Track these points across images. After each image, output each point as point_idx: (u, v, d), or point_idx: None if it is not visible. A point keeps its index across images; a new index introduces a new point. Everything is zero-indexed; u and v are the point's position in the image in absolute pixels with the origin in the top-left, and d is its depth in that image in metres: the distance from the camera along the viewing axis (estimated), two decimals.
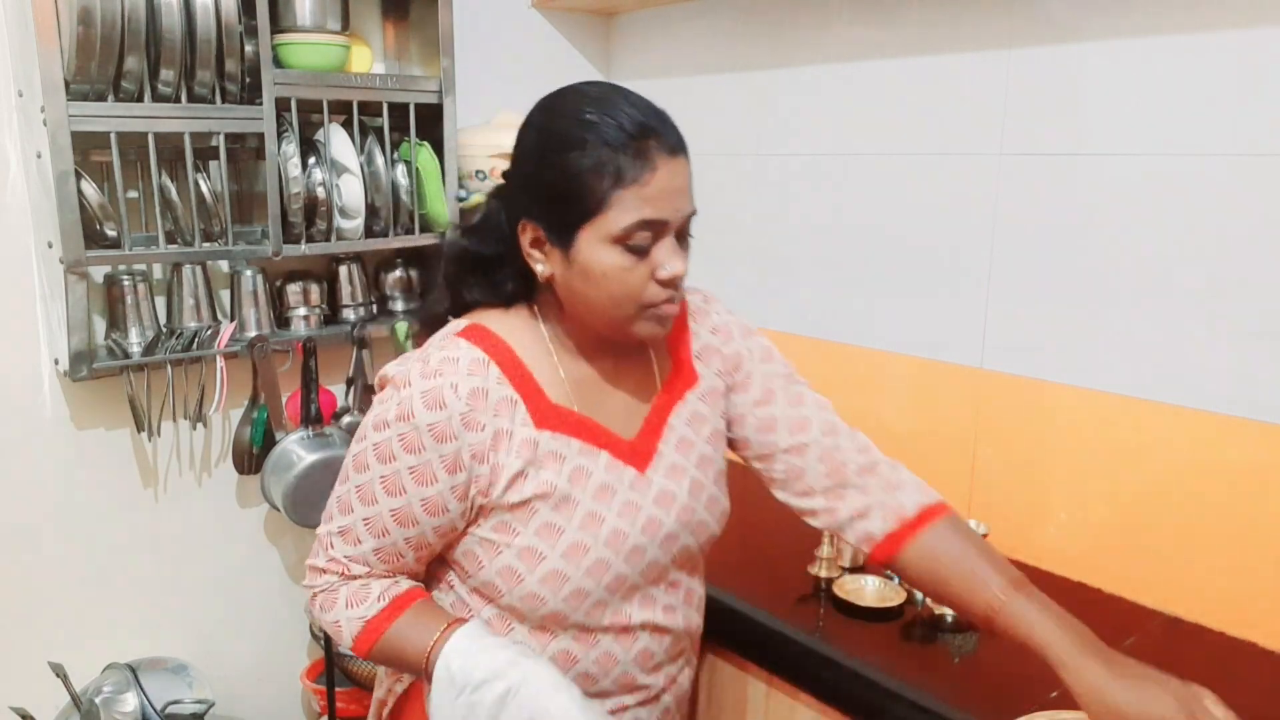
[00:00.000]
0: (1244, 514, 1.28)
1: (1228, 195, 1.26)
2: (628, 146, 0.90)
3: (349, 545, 0.99)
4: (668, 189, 0.92)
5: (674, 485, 1.04)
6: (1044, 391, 1.48)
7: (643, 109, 0.94)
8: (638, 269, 0.93)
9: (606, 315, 0.96)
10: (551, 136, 0.94)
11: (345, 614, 0.99)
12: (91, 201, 1.52)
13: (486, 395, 0.95)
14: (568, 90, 0.98)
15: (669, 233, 0.94)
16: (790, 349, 1.87)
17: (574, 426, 1.00)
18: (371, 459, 0.96)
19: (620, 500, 1.00)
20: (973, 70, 1.52)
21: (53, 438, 1.65)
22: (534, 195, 0.96)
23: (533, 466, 0.96)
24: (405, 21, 1.93)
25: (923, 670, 1.22)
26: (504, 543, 0.97)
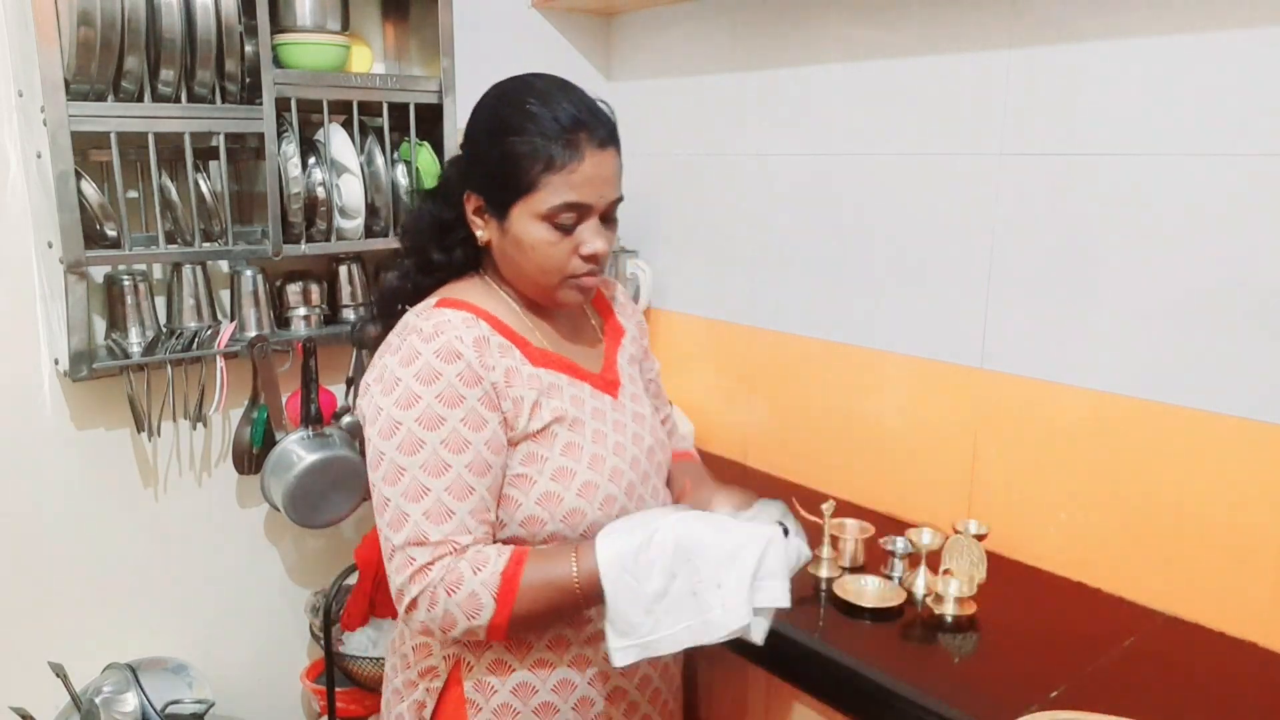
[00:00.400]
0: (1244, 514, 1.28)
1: (1228, 195, 1.26)
2: (560, 137, 1.03)
3: (443, 522, 1.02)
4: (593, 177, 1.05)
5: (639, 407, 1.22)
6: (1044, 391, 1.48)
7: (579, 105, 1.06)
8: (562, 244, 1.07)
9: (534, 281, 1.10)
10: (498, 120, 1.07)
11: (476, 580, 1.00)
12: (91, 201, 1.52)
13: (488, 342, 1.06)
14: (519, 79, 1.11)
15: (593, 215, 1.07)
16: (790, 349, 1.89)
17: (559, 364, 1.14)
18: (422, 433, 1.02)
19: (611, 419, 1.16)
20: (973, 70, 1.52)
21: (53, 438, 1.65)
22: (478, 170, 1.10)
23: (543, 396, 1.09)
24: (405, 21, 1.93)
25: (923, 670, 1.22)
26: (536, 472, 1.07)
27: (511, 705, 1.10)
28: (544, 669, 1.10)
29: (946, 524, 1.51)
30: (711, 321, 2.06)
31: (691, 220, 2.08)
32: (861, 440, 1.77)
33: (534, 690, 1.10)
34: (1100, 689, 1.16)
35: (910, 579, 1.40)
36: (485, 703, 1.10)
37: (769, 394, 1.94)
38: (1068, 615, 1.37)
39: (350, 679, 1.87)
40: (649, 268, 2.14)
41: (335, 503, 1.79)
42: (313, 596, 1.96)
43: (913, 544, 1.41)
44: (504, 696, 1.10)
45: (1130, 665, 1.22)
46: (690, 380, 2.11)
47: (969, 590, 1.34)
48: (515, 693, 1.10)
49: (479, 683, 1.10)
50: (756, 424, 1.97)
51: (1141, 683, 1.18)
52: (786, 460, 1.91)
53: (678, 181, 2.09)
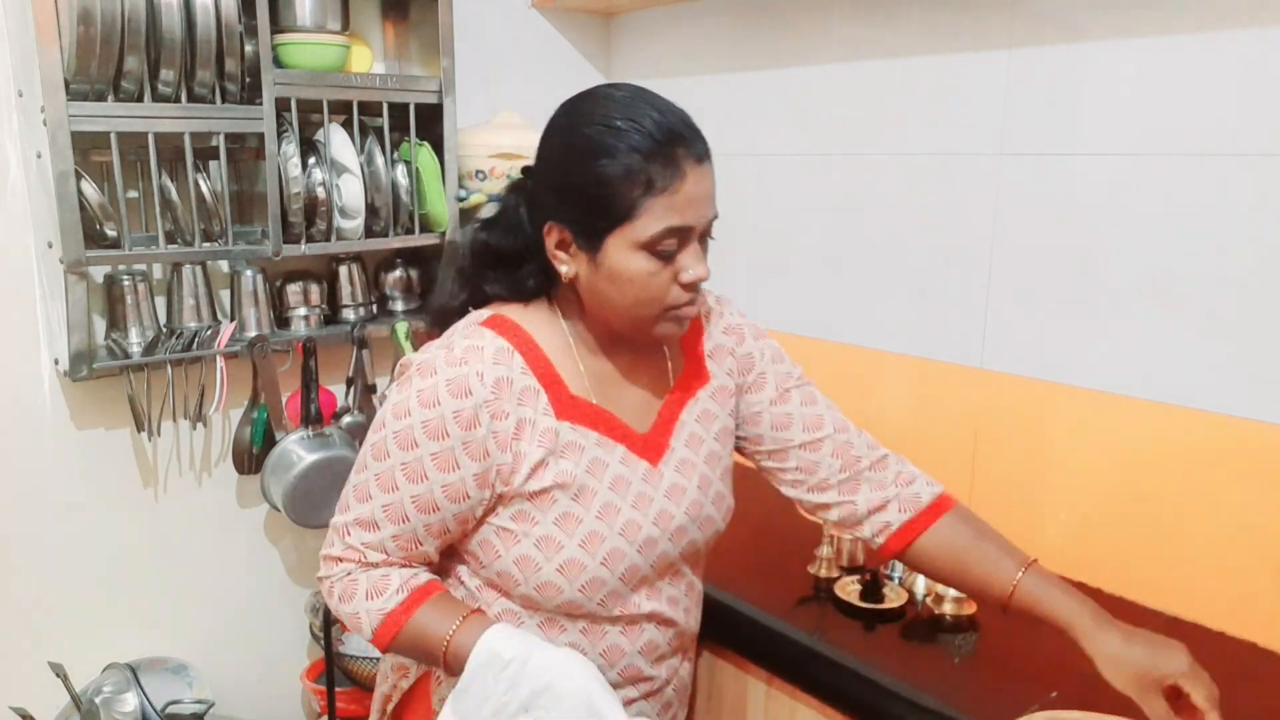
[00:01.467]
0: (1244, 514, 1.28)
1: (1228, 195, 1.26)
2: (656, 154, 0.92)
3: (366, 532, 1.00)
4: (694, 196, 0.94)
5: (684, 480, 1.07)
6: (1044, 391, 1.48)
7: (669, 114, 0.96)
8: (663, 273, 0.95)
9: (629, 315, 0.98)
10: (580, 141, 0.95)
11: (365, 605, 1.00)
12: (91, 201, 1.52)
13: (511, 384, 0.97)
14: (594, 94, 1.00)
15: (694, 238, 0.97)
16: (790, 349, 1.87)
17: (592, 418, 1.02)
18: (392, 446, 0.98)
19: (634, 492, 1.03)
20: (973, 70, 1.52)
21: (53, 438, 1.65)
22: (562, 199, 0.97)
23: (553, 456, 0.99)
24: (405, 21, 1.93)
25: (923, 670, 1.21)
26: (522, 532, 0.99)
27: None
28: None
29: None
30: None
31: None
32: None
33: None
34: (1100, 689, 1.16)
35: (910, 579, 1.40)
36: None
37: None
38: None
39: (350, 679, 1.88)
40: None
41: (335, 503, 1.78)
42: (313, 596, 1.96)
43: None
44: None
45: None
46: None
47: None
48: None
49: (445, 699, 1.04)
50: None
51: None
52: None
53: None
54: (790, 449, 1.14)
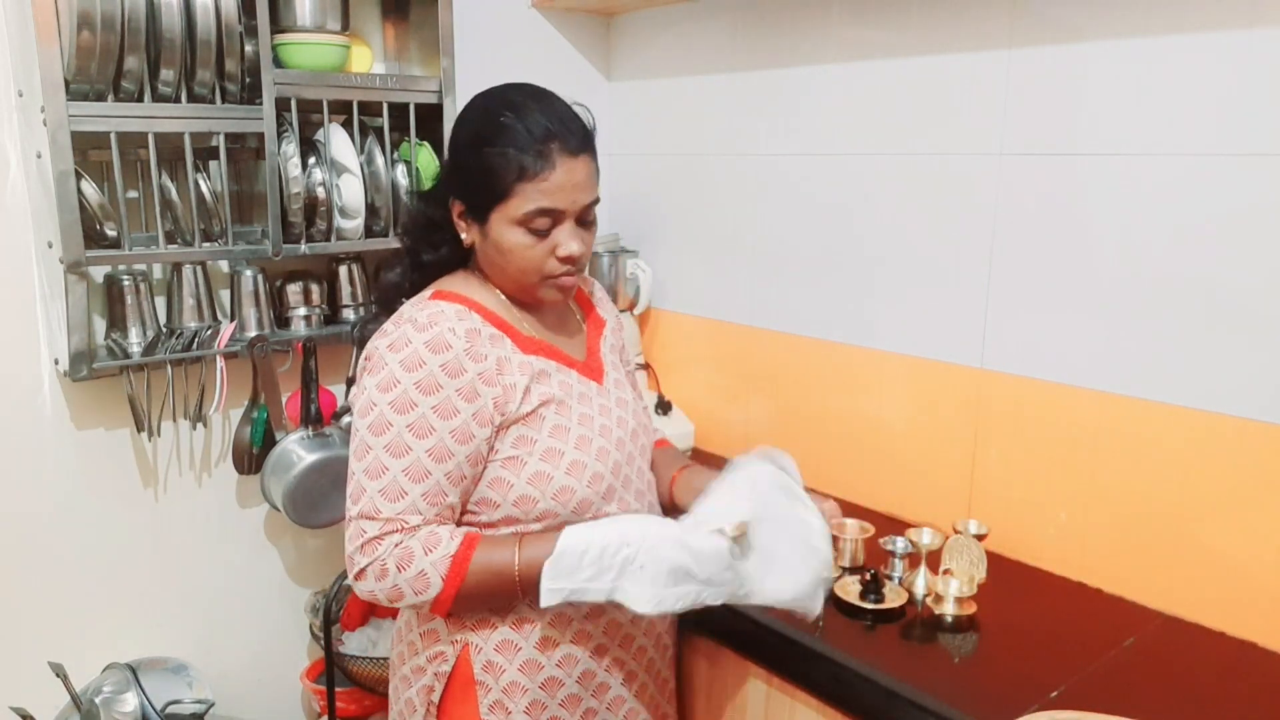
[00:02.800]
0: (1244, 514, 1.28)
1: (1227, 195, 1.26)
2: (530, 147, 1.09)
3: (396, 502, 1.07)
4: (565, 184, 1.11)
5: (622, 393, 1.28)
6: (1044, 391, 1.48)
7: (550, 115, 1.11)
8: (539, 246, 1.13)
9: (515, 280, 1.17)
10: (475, 132, 1.13)
11: (427, 560, 1.06)
12: (91, 201, 1.52)
13: (479, 333, 1.12)
14: (497, 92, 1.17)
15: (567, 219, 1.13)
16: (790, 349, 1.89)
17: (548, 351, 1.20)
18: (392, 416, 1.07)
19: (597, 404, 1.22)
20: (973, 70, 1.52)
21: (53, 438, 1.65)
22: (459, 177, 1.16)
23: (534, 382, 1.15)
24: (405, 21, 1.93)
25: (923, 670, 1.22)
26: (526, 454, 1.13)
27: (520, 683, 1.15)
28: (549, 647, 1.16)
29: (946, 524, 1.51)
30: (711, 321, 2.06)
31: (691, 220, 2.08)
32: (861, 440, 1.77)
33: (540, 667, 1.16)
34: (1100, 689, 1.16)
35: (910, 579, 1.40)
36: (494, 682, 1.15)
37: (769, 394, 1.94)
38: (1068, 615, 1.37)
39: (350, 679, 1.87)
40: (649, 268, 2.14)
41: (335, 503, 1.79)
42: (313, 596, 1.96)
43: (913, 544, 1.41)
44: (512, 675, 1.15)
45: (1130, 665, 1.22)
46: (690, 380, 2.11)
47: (969, 590, 1.34)
48: (523, 670, 1.15)
49: (489, 664, 1.15)
50: (756, 424, 1.97)
51: (1141, 683, 1.18)
52: None
53: (678, 181, 2.09)
54: None
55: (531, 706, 1.16)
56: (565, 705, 1.18)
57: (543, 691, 1.16)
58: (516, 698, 1.15)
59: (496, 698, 1.15)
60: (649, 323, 2.20)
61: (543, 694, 1.16)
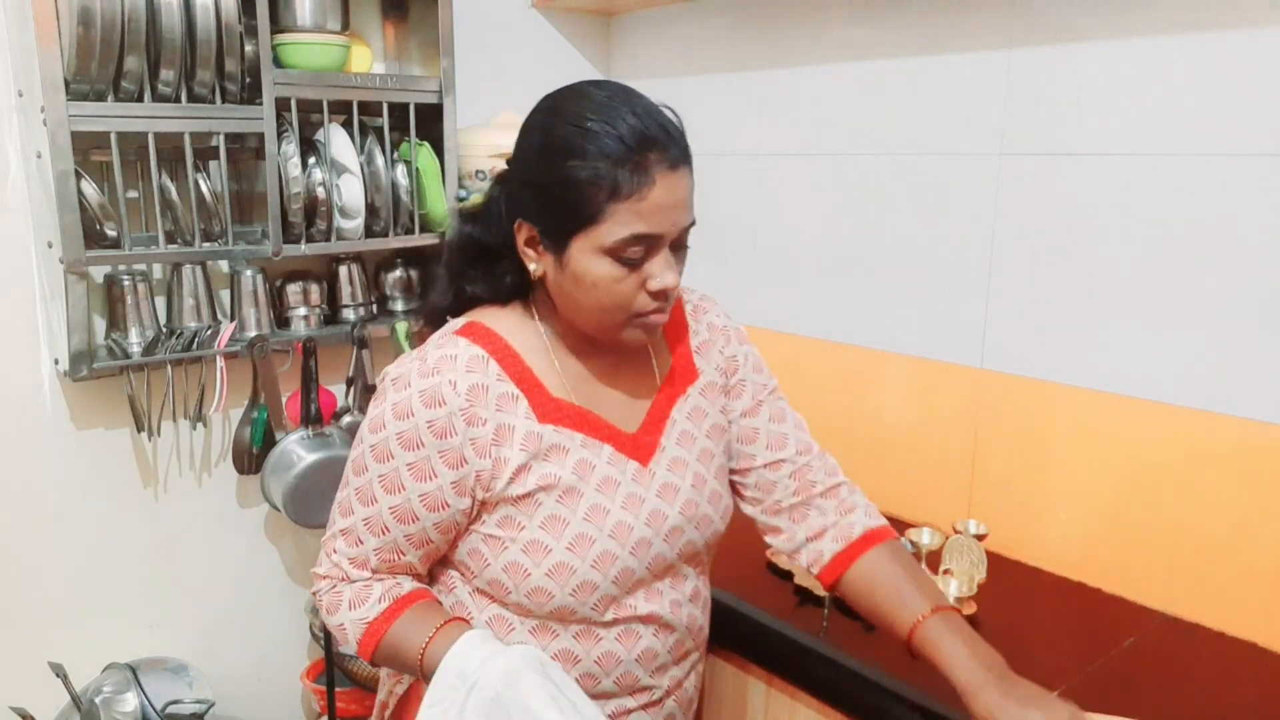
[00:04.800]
0: (1243, 514, 1.28)
1: (1228, 195, 1.27)
2: (626, 159, 0.90)
3: (351, 547, 1.01)
4: (664, 204, 0.92)
5: (676, 478, 1.05)
6: (1044, 391, 1.48)
7: (646, 119, 0.93)
8: (629, 279, 0.94)
9: (594, 320, 0.97)
10: (552, 140, 0.93)
11: (349, 616, 1.00)
12: (91, 201, 1.52)
13: (487, 390, 0.96)
14: (573, 90, 0.97)
15: (663, 246, 0.94)
16: (790, 349, 1.89)
17: (576, 420, 1.00)
18: (370, 460, 0.98)
19: (624, 493, 1.00)
20: (973, 70, 1.52)
21: (53, 438, 1.65)
22: (531, 196, 0.96)
23: (536, 459, 0.97)
24: (405, 21, 1.93)
25: (923, 670, 1.21)
26: (509, 538, 0.98)
27: None
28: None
29: (946, 524, 1.51)
30: None
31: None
32: (862, 440, 1.77)
33: None
34: (1100, 689, 1.16)
35: None
36: None
37: None
38: (1068, 615, 1.37)
39: (350, 679, 1.88)
40: None
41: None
42: (312, 596, 1.95)
43: (913, 544, 1.41)
44: None
45: (1130, 665, 1.22)
46: None
47: (969, 590, 1.34)
48: None
49: None
50: None
51: (1141, 683, 1.18)
52: None
53: None
54: (753, 467, 1.13)
55: None
56: None
57: None
58: None
59: None
60: None
61: None
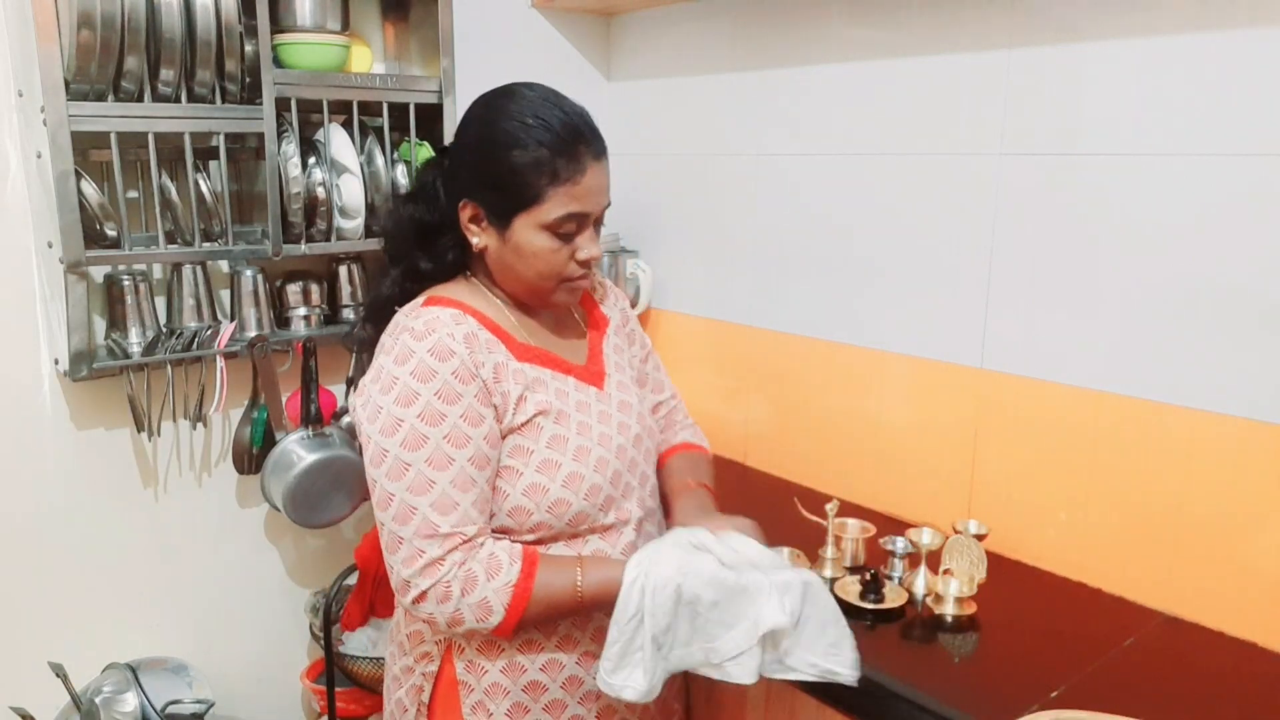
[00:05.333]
0: (1244, 514, 1.28)
1: (1227, 195, 1.26)
2: (562, 150, 1.08)
3: (449, 513, 1.05)
4: (592, 188, 1.10)
5: (625, 395, 1.25)
6: (1044, 391, 1.48)
7: (575, 116, 1.10)
8: (562, 251, 1.12)
9: (531, 285, 1.15)
10: (496, 132, 1.10)
11: (489, 586, 1.05)
12: (91, 201, 1.52)
13: (477, 337, 1.10)
14: (510, 90, 1.14)
15: (590, 223, 1.13)
16: (790, 349, 1.89)
17: (544, 359, 1.17)
18: (425, 429, 1.05)
19: (596, 410, 1.19)
20: (973, 70, 1.52)
21: (53, 438, 1.65)
22: (477, 180, 1.12)
23: (528, 391, 1.13)
24: (405, 21, 1.93)
25: (923, 670, 1.22)
26: (521, 465, 1.11)
27: (501, 685, 1.14)
28: (533, 650, 1.14)
29: (946, 524, 1.51)
30: (711, 321, 2.06)
31: (691, 220, 2.08)
32: (861, 440, 1.77)
33: (523, 669, 1.14)
34: (1100, 689, 1.16)
35: (910, 579, 1.40)
36: (477, 683, 1.14)
37: (769, 394, 1.94)
38: (1068, 615, 1.37)
39: (350, 679, 1.87)
40: (649, 268, 2.14)
41: (335, 503, 1.79)
42: (313, 596, 1.96)
43: (913, 544, 1.41)
44: (494, 676, 1.14)
45: (1130, 665, 1.22)
46: (690, 380, 2.11)
47: (969, 590, 1.34)
48: (505, 672, 1.14)
49: (470, 663, 1.14)
50: (756, 424, 1.97)
51: (1141, 683, 1.18)
52: (786, 460, 1.91)
53: (678, 181, 2.09)
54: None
55: (514, 709, 1.14)
56: (549, 710, 1.16)
57: (525, 694, 1.14)
58: (499, 699, 1.14)
59: (479, 699, 1.14)
60: (649, 323, 2.20)
61: (525, 697, 1.14)
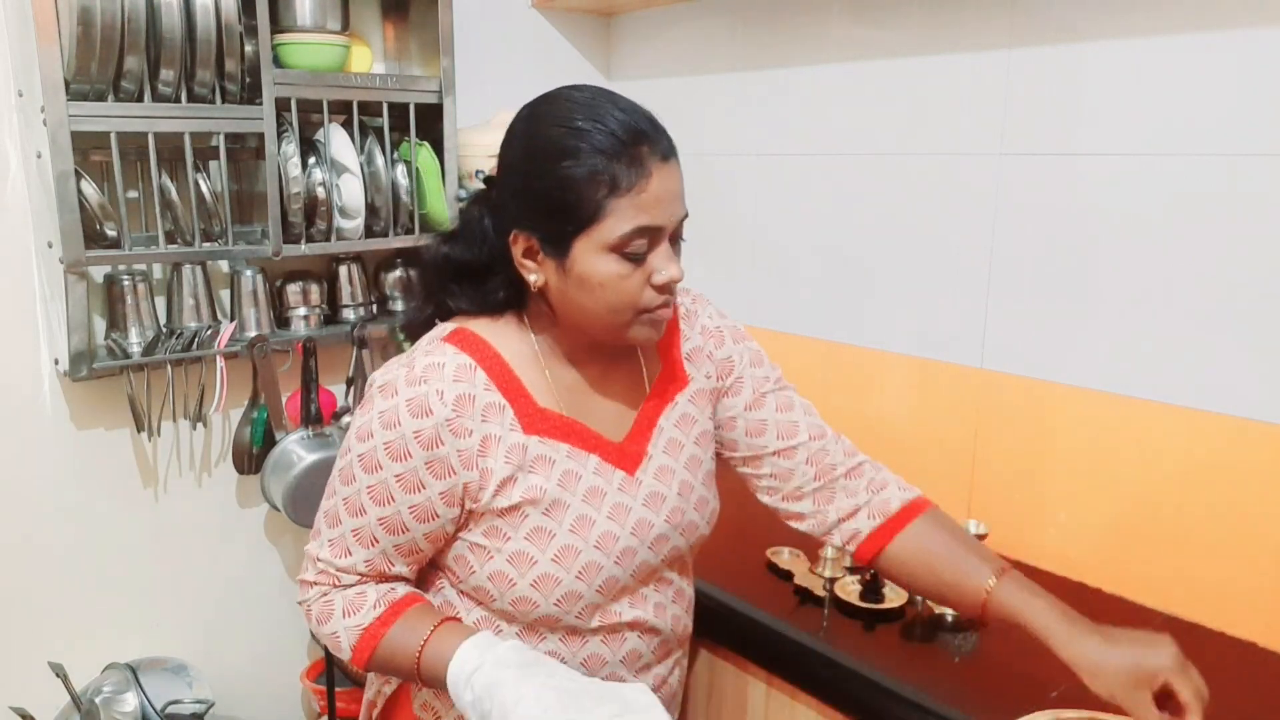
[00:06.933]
0: (1244, 514, 1.28)
1: (1227, 195, 1.26)
2: (621, 154, 0.90)
3: (339, 557, 1.00)
4: (662, 195, 0.92)
5: (663, 486, 1.05)
6: (1044, 391, 1.48)
7: (632, 113, 0.93)
8: (634, 275, 0.93)
9: (603, 322, 0.96)
10: (541, 145, 0.93)
11: (343, 623, 0.99)
12: (91, 201, 1.52)
13: (473, 401, 0.95)
14: (554, 96, 0.96)
15: (664, 238, 0.94)
16: (790, 349, 1.89)
17: (562, 430, 1.00)
18: (358, 470, 0.96)
19: (610, 502, 1.01)
20: (973, 70, 1.52)
21: (53, 438, 1.65)
22: (526, 205, 0.95)
23: (522, 471, 0.97)
24: (405, 21, 1.93)
25: (923, 670, 1.22)
26: (495, 548, 0.98)
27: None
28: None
29: None
30: None
31: (691, 220, 2.06)
32: (861, 440, 1.75)
33: None
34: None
35: None
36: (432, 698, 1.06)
37: None
38: None
39: (350, 679, 1.88)
40: None
41: None
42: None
43: None
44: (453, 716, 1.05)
45: None
46: None
47: None
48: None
49: (425, 704, 1.07)
50: None
51: None
52: None
53: None
54: (765, 456, 1.13)
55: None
56: None
57: None
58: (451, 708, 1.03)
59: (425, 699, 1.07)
60: None
61: None
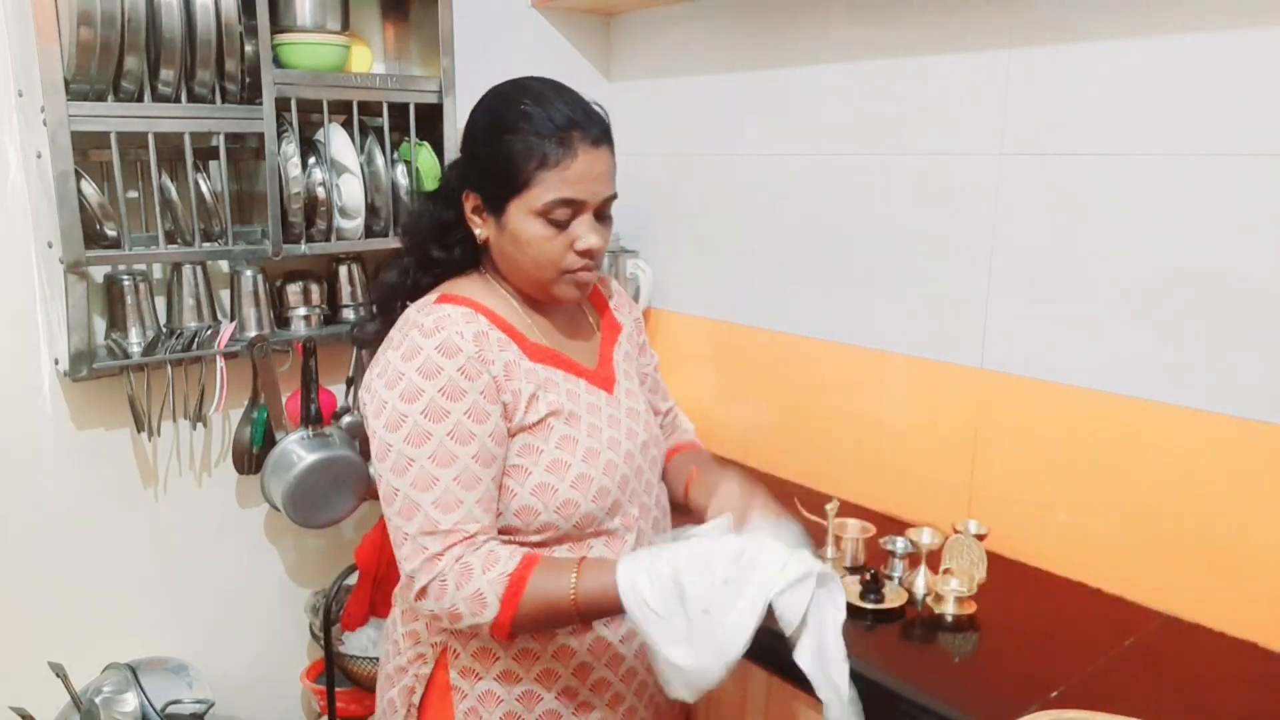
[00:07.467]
0: (1244, 514, 1.28)
1: (1227, 195, 1.26)
2: (554, 135, 1.06)
3: (452, 511, 1.04)
4: (586, 174, 1.08)
5: (634, 403, 1.24)
6: (1044, 391, 1.48)
7: (574, 105, 1.10)
8: (558, 239, 1.09)
9: (530, 276, 1.13)
10: (493, 120, 1.11)
11: (484, 578, 1.02)
12: (91, 201, 1.52)
13: (487, 336, 1.09)
14: (517, 81, 1.14)
15: (587, 211, 1.10)
16: (790, 349, 1.89)
17: (555, 360, 1.16)
18: (428, 425, 1.04)
19: (606, 414, 1.18)
20: (973, 70, 1.52)
21: (53, 438, 1.65)
22: (476, 169, 1.13)
23: (540, 390, 1.11)
24: (405, 21, 1.93)
25: (923, 670, 1.22)
26: (530, 464, 1.10)
27: (495, 693, 1.13)
28: (528, 659, 1.13)
29: (946, 524, 1.51)
30: (711, 321, 2.06)
31: (691, 220, 2.08)
32: (862, 440, 1.77)
33: (518, 679, 1.13)
34: (1100, 689, 1.16)
35: (910, 579, 1.40)
36: (470, 689, 1.13)
37: (769, 394, 1.94)
38: (1068, 615, 1.37)
39: (350, 679, 1.88)
40: (649, 268, 2.14)
41: (335, 503, 1.79)
42: (313, 596, 1.96)
43: (913, 544, 1.41)
44: (488, 684, 1.13)
45: (1130, 665, 1.22)
46: (690, 380, 2.11)
47: (969, 590, 1.34)
48: (499, 680, 1.13)
49: (465, 670, 1.13)
50: (756, 424, 1.97)
51: (1141, 683, 1.18)
52: (787, 460, 1.91)
53: (678, 181, 2.09)
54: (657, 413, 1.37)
55: (506, 718, 1.13)
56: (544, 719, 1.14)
57: (519, 704, 1.13)
58: (491, 707, 1.12)
59: (471, 704, 1.13)
60: (649, 323, 2.20)
61: (519, 706, 1.13)
